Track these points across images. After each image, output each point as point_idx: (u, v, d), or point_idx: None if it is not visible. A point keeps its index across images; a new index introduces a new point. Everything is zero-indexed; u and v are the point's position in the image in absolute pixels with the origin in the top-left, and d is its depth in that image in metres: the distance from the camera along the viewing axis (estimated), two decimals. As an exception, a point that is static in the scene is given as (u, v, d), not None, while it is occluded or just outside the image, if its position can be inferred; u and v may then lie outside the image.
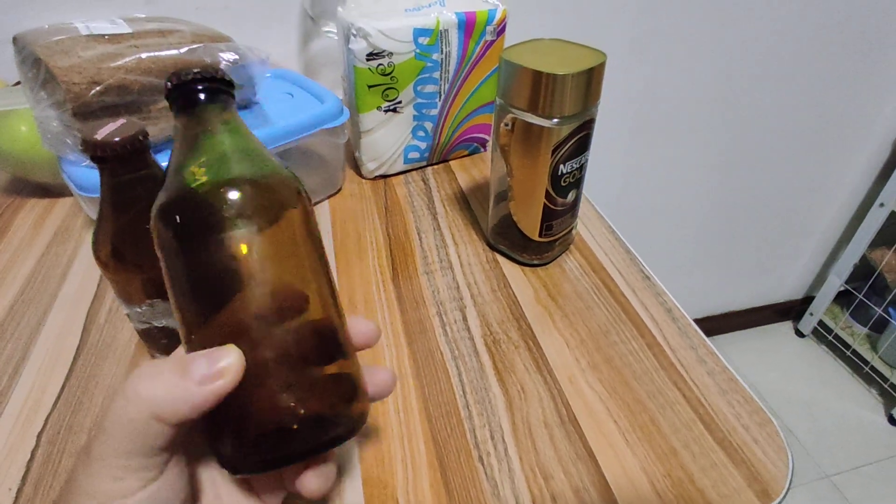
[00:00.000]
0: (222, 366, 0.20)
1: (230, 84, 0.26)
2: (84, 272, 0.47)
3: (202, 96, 0.25)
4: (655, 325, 0.42)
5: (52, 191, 0.58)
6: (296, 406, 0.21)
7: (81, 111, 0.40)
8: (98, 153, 0.27)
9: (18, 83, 0.64)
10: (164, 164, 0.31)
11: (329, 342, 0.23)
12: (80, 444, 0.33)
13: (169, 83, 0.24)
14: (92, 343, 0.41)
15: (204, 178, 0.22)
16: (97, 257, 0.31)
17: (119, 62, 0.41)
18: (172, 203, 0.22)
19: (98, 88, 0.40)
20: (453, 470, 0.32)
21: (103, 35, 0.43)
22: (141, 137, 0.28)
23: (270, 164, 0.24)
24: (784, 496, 0.31)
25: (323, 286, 0.24)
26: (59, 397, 0.37)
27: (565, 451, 0.33)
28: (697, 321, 1.52)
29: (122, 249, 0.30)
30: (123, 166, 0.28)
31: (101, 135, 0.27)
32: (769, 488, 0.31)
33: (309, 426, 0.21)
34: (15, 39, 0.44)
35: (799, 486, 1.24)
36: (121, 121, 0.28)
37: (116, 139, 0.27)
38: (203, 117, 0.24)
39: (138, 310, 0.32)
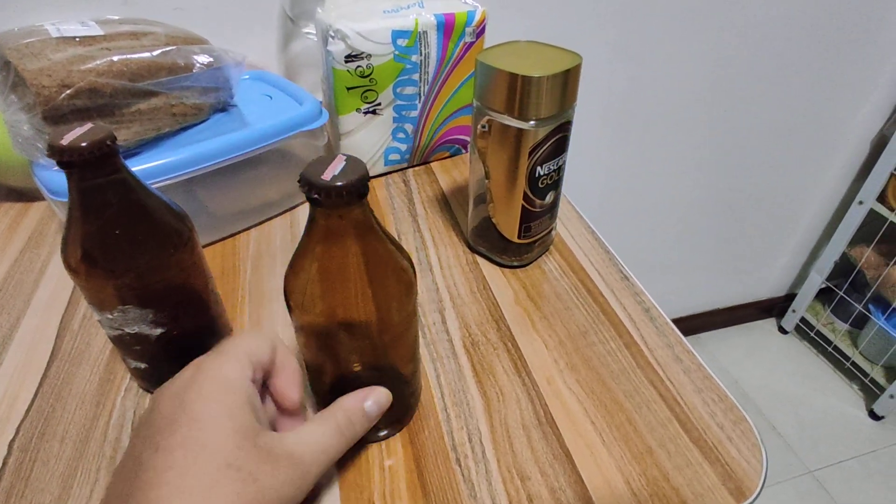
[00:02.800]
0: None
1: (362, 195, 0.26)
2: (58, 278, 0.46)
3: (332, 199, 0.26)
4: (633, 325, 0.42)
5: (25, 195, 0.57)
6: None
7: (52, 115, 0.39)
8: (64, 158, 0.26)
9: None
10: (134, 168, 0.30)
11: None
12: (52, 452, 0.33)
13: (310, 184, 0.26)
14: (65, 350, 0.40)
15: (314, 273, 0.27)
16: (67, 263, 0.30)
17: (90, 65, 0.40)
18: (295, 283, 0.28)
19: (68, 92, 0.39)
20: (430, 472, 0.32)
21: (74, 37, 0.42)
22: (109, 142, 0.27)
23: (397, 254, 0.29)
24: (758, 494, 0.32)
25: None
26: (31, 405, 0.36)
27: (542, 452, 0.33)
28: (681, 319, 1.54)
29: (93, 255, 0.30)
30: (91, 171, 0.28)
31: (67, 139, 0.26)
32: (743, 486, 0.32)
33: None
34: (-16, 42, 0.43)
35: (782, 482, 1.25)
36: (88, 125, 0.28)
37: (83, 144, 0.26)
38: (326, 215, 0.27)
39: (110, 316, 0.32)
